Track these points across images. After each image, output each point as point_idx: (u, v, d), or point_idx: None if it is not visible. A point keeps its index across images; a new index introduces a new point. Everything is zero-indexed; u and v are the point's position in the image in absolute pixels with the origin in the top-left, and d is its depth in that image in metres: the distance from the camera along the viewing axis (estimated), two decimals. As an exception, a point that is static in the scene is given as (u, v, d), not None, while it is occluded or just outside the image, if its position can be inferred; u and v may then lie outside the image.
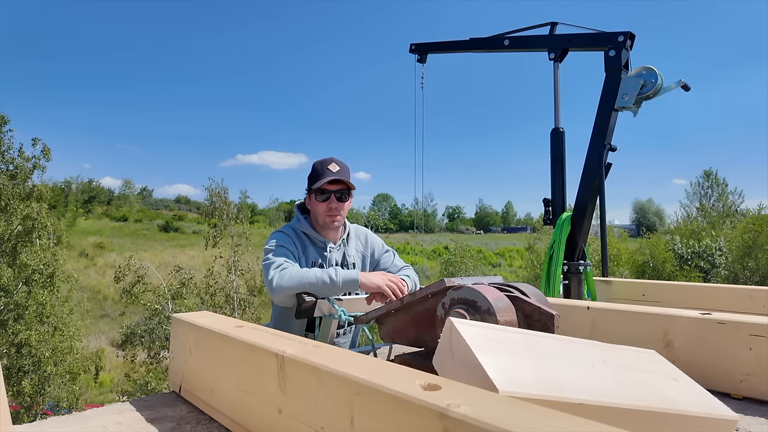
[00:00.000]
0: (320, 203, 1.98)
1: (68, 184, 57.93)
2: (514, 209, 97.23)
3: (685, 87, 3.29)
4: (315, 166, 2.03)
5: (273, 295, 1.79)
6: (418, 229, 40.74)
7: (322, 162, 2.02)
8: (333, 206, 1.98)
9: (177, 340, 1.21)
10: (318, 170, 2.00)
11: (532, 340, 0.92)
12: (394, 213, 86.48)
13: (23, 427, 0.94)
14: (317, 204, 1.99)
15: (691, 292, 2.30)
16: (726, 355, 1.20)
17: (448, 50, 4.35)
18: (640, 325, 1.36)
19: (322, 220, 2.00)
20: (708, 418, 0.81)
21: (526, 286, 1.22)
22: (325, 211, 1.98)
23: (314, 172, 2.01)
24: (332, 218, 1.99)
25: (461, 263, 23.91)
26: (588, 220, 3.42)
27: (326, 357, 0.74)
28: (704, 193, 30.81)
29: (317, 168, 2.01)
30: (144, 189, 78.69)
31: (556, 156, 3.60)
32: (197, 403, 1.08)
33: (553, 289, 3.31)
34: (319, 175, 1.98)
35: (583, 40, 3.54)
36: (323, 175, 1.97)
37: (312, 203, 2.02)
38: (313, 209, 2.02)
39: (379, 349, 1.69)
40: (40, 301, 12.46)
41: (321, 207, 1.98)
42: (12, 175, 13.30)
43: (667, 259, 20.84)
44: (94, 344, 21.60)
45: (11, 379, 12.17)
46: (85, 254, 36.42)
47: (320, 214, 2.00)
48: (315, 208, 2.01)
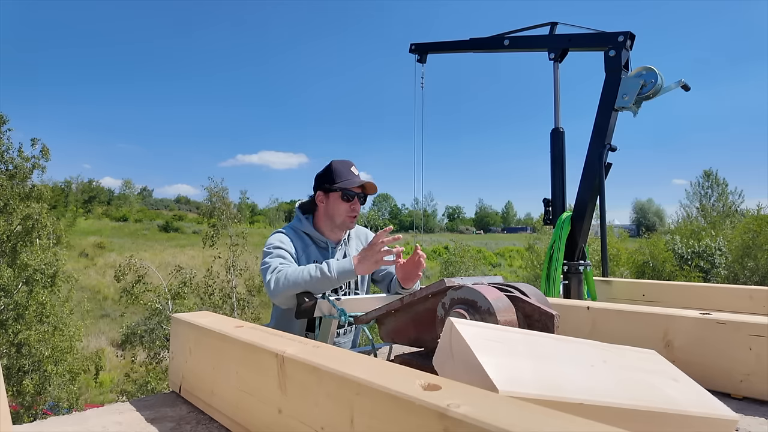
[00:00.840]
0: (344, 203, 1.98)
1: (68, 184, 57.96)
2: (514, 209, 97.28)
3: (685, 87, 3.29)
4: (335, 166, 2.02)
5: (272, 298, 1.79)
6: (418, 229, 40.73)
7: (342, 163, 2.02)
8: (356, 207, 1.99)
9: (177, 340, 1.21)
10: (341, 171, 1.99)
11: (532, 340, 0.92)
12: (394, 213, 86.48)
13: (23, 427, 0.94)
14: (340, 203, 1.98)
15: (691, 292, 2.30)
16: (726, 355, 1.20)
17: (448, 50, 4.34)
18: (640, 325, 1.36)
19: (342, 220, 2.00)
20: (708, 418, 0.81)
21: (526, 286, 1.22)
22: (347, 211, 1.99)
23: (335, 172, 2.00)
24: (352, 219, 2.01)
25: (461, 263, 23.92)
26: (588, 220, 3.42)
27: (326, 357, 0.74)
28: (704, 193, 30.85)
29: (339, 168, 2.00)
30: (144, 189, 78.74)
31: (556, 156, 3.60)
32: (197, 403, 1.08)
33: (553, 289, 3.31)
34: (342, 175, 1.98)
35: (583, 40, 3.54)
36: (349, 177, 1.97)
37: (330, 202, 2.00)
38: (331, 208, 2.01)
39: (379, 349, 1.69)
40: (40, 301, 12.47)
41: (343, 207, 1.98)
42: (11, 175, 13.31)
43: (667, 259, 20.84)
44: (94, 344, 21.61)
45: (11, 379, 12.17)
46: (85, 254, 36.42)
47: (340, 214, 1.99)
48: (335, 207, 2.00)
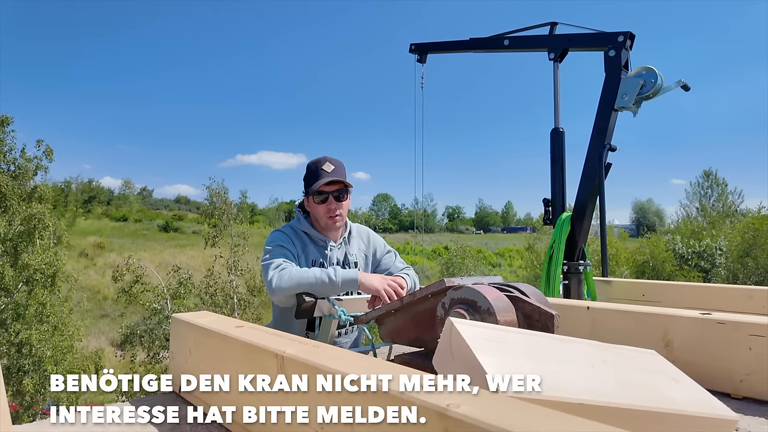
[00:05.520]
0: (319, 205, 1.96)
1: (68, 184, 57.90)
2: (514, 209, 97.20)
3: (685, 87, 3.29)
4: (309, 167, 2.00)
5: (272, 296, 1.79)
6: (418, 229, 40.76)
7: (315, 162, 1.98)
8: (332, 207, 1.95)
9: (177, 340, 1.21)
10: (313, 171, 1.96)
11: (532, 340, 0.92)
12: (394, 213, 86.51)
13: (23, 427, 0.94)
14: (316, 206, 1.97)
15: (691, 292, 2.30)
16: (726, 355, 1.20)
17: (448, 50, 4.35)
18: (640, 325, 1.37)
19: (324, 223, 1.98)
20: (708, 418, 0.81)
21: (526, 286, 1.22)
22: (326, 213, 1.96)
23: (309, 174, 1.98)
24: (333, 220, 1.97)
25: (462, 263, 23.92)
26: (588, 220, 3.43)
27: (326, 357, 0.75)
28: (704, 193, 30.84)
29: (311, 169, 1.98)
30: (144, 189, 78.64)
31: (556, 156, 3.60)
32: (197, 403, 1.08)
33: (553, 289, 3.32)
34: (314, 176, 1.95)
35: (583, 40, 3.54)
36: (319, 176, 1.93)
37: (311, 206, 2.00)
38: (313, 212, 2.00)
39: (379, 349, 1.69)
40: (40, 301, 12.48)
41: (320, 209, 1.96)
42: (14, 175, 13.32)
43: (667, 258, 20.85)
44: (94, 344, 21.60)
45: (11, 378, 12.18)
46: (85, 254, 36.42)
47: (321, 217, 1.98)
48: (314, 210, 1.99)
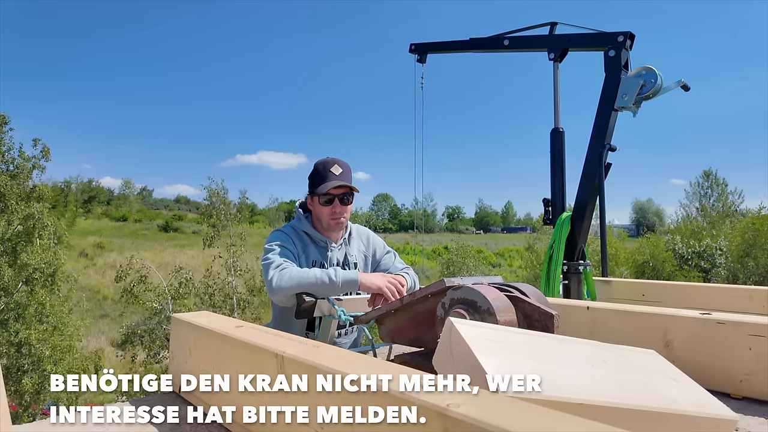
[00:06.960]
0: (324, 207, 1.96)
1: (68, 184, 57.88)
2: (513, 209, 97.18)
3: (685, 87, 3.29)
4: (317, 166, 2.00)
5: (272, 295, 1.79)
6: (418, 229, 40.76)
7: (324, 163, 1.99)
8: (337, 210, 1.96)
9: (177, 340, 1.21)
10: (321, 172, 1.97)
11: (532, 340, 0.92)
12: (394, 213, 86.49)
13: (23, 427, 0.94)
14: (321, 208, 1.97)
15: (691, 292, 2.30)
16: (726, 355, 1.20)
17: (447, 50, 4.35)
18: (640, 325, 1.37)
19: (327, 224, 1.99)
20: (708, 418, 0.81)
21: (526, 286, 1.22)
22: (329, 215, 1.97)
23: (316, 174, 1.98)
24: (336, 222, 1.98)
25: (462, 263, 23.92)
26: (588, 220, 3.43)
27: (326, 357, 0.75)
28: (704, 193, 30.83)
29: (319, 169, 1.98)
30: (144, 189, 78.58)
31: (556, 156, 3.60)
32: (197, 403, 1.08)
33: (552, 289, 3.32)
34: (321, 177, 1.95)
35: (583, 40, 3.54)
36: (326, 178, 1.94)
37: (315, 206, 2.00)
38: (316, 212, 2.01)
39: (379, 349, 1.69)
40: (40, 301, 12.49)
41: (325, 211, 1.97)
42: (12, 175, 13.32)
43: (666, 259, 20.84)
44: (94, 344, 21.59)
45: (11, 378, 12.18)
46: (85, 254, 36.41)
47: (324, 218, 1.98)
48: (318, 211, 1.99)
